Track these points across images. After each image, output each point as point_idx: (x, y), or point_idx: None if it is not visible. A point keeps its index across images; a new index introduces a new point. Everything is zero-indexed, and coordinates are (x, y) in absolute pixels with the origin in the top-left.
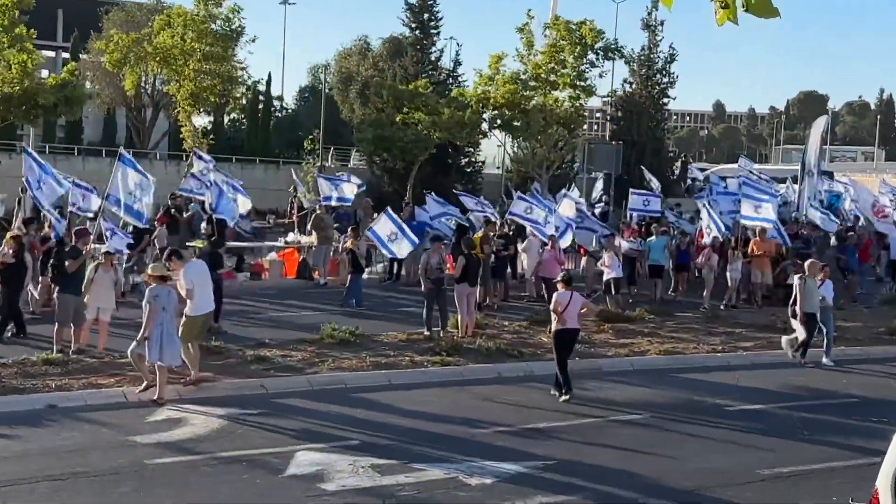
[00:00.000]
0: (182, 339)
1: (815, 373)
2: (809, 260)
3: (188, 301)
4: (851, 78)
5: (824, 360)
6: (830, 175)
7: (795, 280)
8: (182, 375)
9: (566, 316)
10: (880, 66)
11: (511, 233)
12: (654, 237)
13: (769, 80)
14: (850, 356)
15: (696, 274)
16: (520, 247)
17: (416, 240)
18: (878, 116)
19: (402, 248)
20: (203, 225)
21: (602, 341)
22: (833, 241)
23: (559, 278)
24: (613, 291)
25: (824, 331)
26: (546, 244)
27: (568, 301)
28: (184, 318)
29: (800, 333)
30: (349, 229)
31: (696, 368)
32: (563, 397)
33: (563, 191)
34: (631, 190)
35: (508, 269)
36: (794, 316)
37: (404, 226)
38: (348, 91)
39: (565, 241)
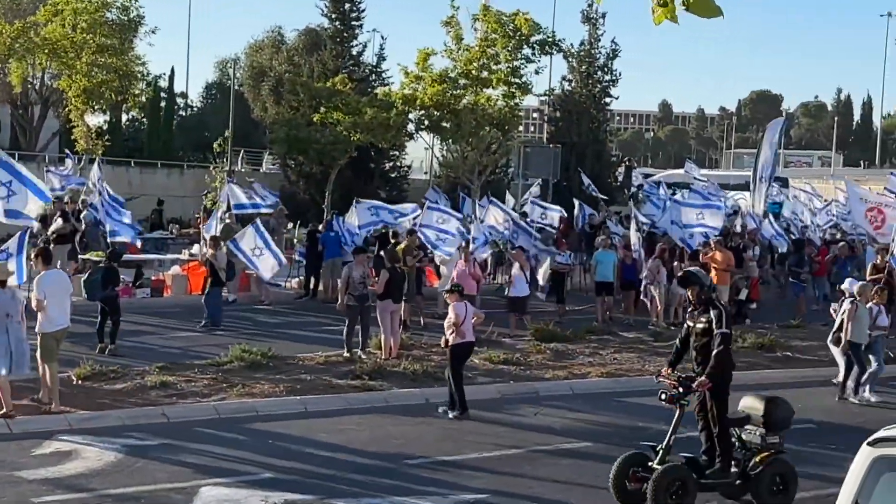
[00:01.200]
0: (42, 360)
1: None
2: (860, 283)
3: (38, 314)
4: (807, 77)
5: (865, 393)
6: (785, 182)
7: (846, 304)
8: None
9: (464, 329)
10: (837, 65)
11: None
12: (600, 250)
13: (719, 78)
14: (807, 378)
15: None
16: (437, 259)
17: (282, 258)
18: (836, 118)
19: (266, 266)
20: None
21: (539, 363)
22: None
23: (448, 288)
24: (517, 311)
25: (871, 360)
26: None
27: (465, 313)
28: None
29: (840, 365)
30: (209, 238)
31: (642, 392)
32: (453, 413)
33: (485, 199)
34: (576, 201)
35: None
36: (837, 343)
37: (271, 242)
38: (260, 88)
39: (482, 254)
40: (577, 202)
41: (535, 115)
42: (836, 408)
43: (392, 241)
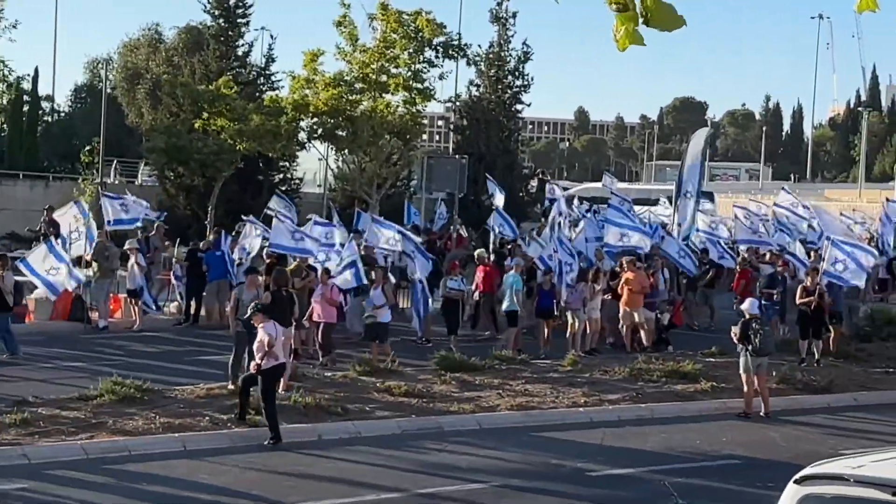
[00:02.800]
0: None
1: (694, 429)
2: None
3: None
4: (733, 83)
5: None
6: (710, 196)
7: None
8: None
9: (277, 350)
10: (765, 71)
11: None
12: (511, 272)
13: (640, 84)
14: (732, 409)
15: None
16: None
17: (80, 277)
18: (764, 128)
19: (59, 282)
20: None
21: (443, 395)
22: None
23: (252, 309)
24: (376, 338)
25: None
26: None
27: (276, 333)
28: None
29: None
30: None
31: (555, 426)
32: (271, 441)
33: (369, 215)
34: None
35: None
36: None
37: (66, 257)
38: (135, 91)
39: (343, 280)
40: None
41: (439, 123)
42: (763, 441)
43: (275, 261)
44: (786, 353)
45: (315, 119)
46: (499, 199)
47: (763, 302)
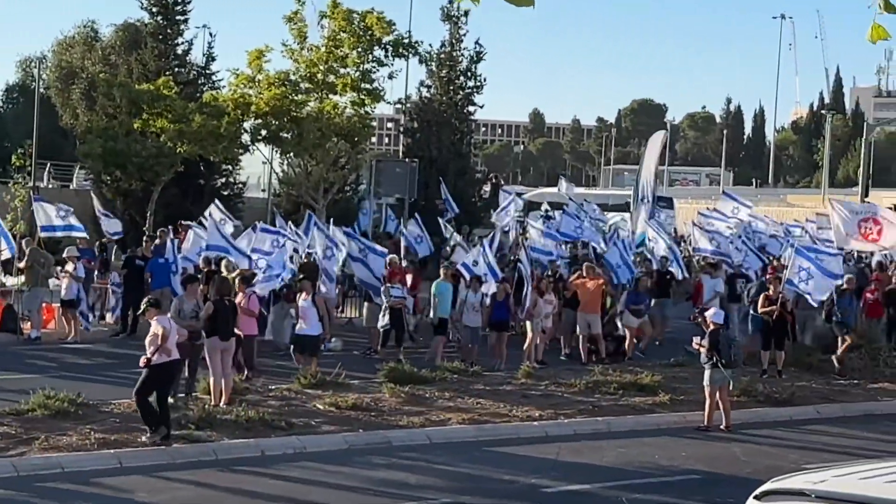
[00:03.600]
0: None
1: (653, 443)
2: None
3: None
4: (693, 85)
5: None
6: (669, 202)
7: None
8: None
9: (170, 345)
10: (726, 73)
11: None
12: (438, 280)
13: (597, 86)
14: (691, 422)
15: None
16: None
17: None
18: (725, 131)
19: None
20: None
21: (392, 408)
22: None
23: (145, 304)
24: (306, 351)
25: None
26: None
27: (170, 327)
28: None
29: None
30: None
31: (509, 441)
32: (157, 436)
33: (311, 222)
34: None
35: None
36: None
37: None
38: (70, 91)
39: (262, 288)
40: (441, 221)
41: (389, 125)
42: (723, 455)
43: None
44: (747, 364)
45: (259, 120)
46: (450, 207)
47: (752, 313)
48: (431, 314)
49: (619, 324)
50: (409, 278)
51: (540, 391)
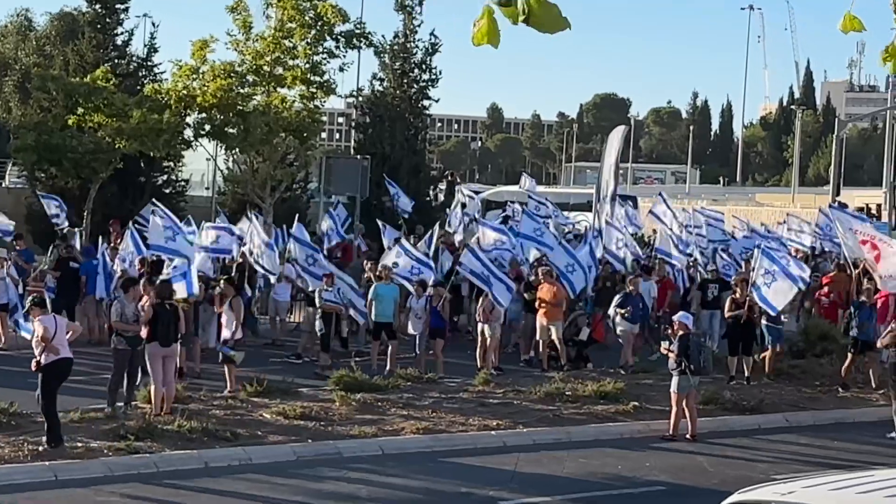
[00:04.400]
0: None
1: (615, 454)
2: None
3: None
4: (658, 79)
5: None
6: (633, 200)
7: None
8: None
9: (57, 344)
10: (692, 66)
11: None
12: (382, 281)
13: (558, 79)
14: (656, 431)
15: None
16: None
17: None
18: (691, 127)
19: None
20: None
21: (343, 417)
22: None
23: (29, 303)
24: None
25: None
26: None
27: (55, 326)
28: None
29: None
30: None
31: (465, 451)
32: (44, 446)
33: (209, 223)
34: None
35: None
36: None
37: None
38: (2, 84)
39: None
40: (380, 223)
41: (340, 120)
42: (688, 466)
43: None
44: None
45: (203, 114)
46: (403, 203)
47: (768, 324)
48: (371, 318)
49: (582, 328)
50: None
51: (498, 399)
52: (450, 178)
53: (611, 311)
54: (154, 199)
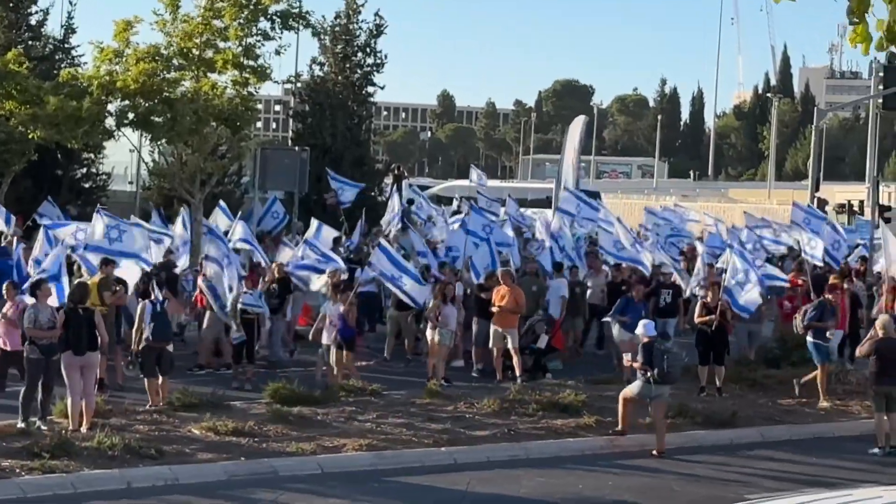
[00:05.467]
0: None
1: (576, 472)
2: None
3: None
4: (623, 65)
5: None
6: (596, 196)
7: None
8: None
9: None
10: (660, 51)
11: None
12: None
13: (515, 65)
14: (620, 447)
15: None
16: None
17: None
18: (659, 117)
19: None
20: None
21: (279, 433)
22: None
23: None
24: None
25: None
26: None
27: None
28: None
29: None
30: None
31: (412, 469)
32: None
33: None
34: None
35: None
36: None
37: None
38: None
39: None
40: (314, 222)
41: (276, 108)
42: (655, 485)
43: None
44: (682, 380)
45: (126, 101)
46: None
47: (814, 341)
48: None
49: (540, 335)
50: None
51: (448, 413)
52: (396, 171)
53: (608, 318)
54: (48, 199)
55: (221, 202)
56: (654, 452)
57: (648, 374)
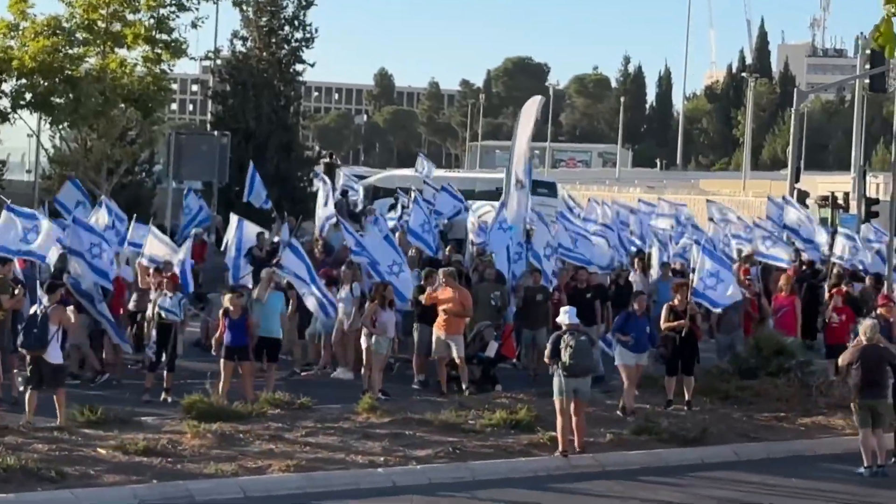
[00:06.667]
0: None
1: (529, 495)
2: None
3: None
4: (581, 41)
5: None
6: (551, 188)
7: None
8: None
9: None
10: (623, 26)
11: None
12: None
13: (461, 42)
14: (578, 467)
15: None
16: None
17: None
18: (622, 99)
19: None
20: None
21: (196, 452)
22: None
23: None
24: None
25: None
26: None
27: None
28: None
29: None
30: None
31: (345, 492)
32: None
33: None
34: None
35: None
36: None
37: None
38: None
39: None
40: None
41: (193, 88)
42: None
43: None
44: (647, 392)
45: (22, 80)
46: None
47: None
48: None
49: (489, 343)
50: None
51: (386, 429)
52: (329, 159)
53: (609, 336)
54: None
55: (106, 199)
56: (576, 447)
57: (554, 366)
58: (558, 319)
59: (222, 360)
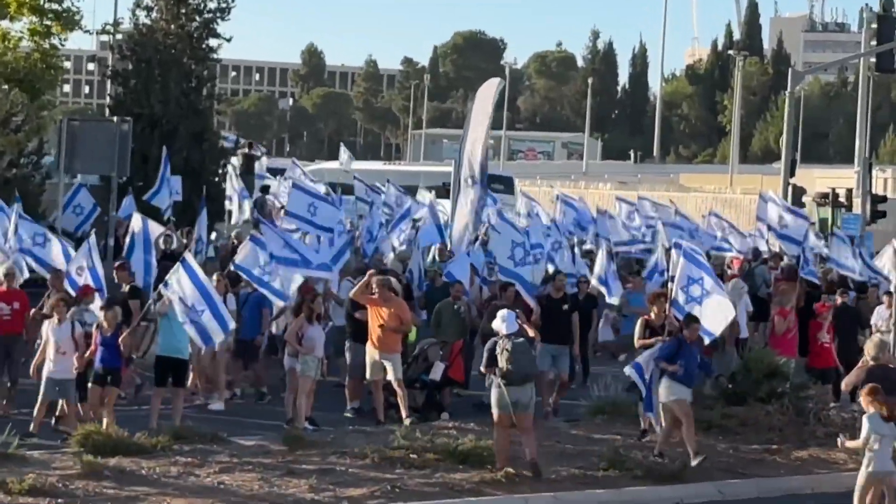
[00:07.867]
0: None
1: None
2: None
3: None
4: (542, 14)
5: None
6: (508, 183)
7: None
8: None
9: None
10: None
11: None
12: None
13: (401, 14)
14: None
15: None
16: None
17: None
18: (590, 80)
19: None
20: None
21: (90, 492)
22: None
23: None
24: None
25: None
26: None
27: None
28: None
29: None
30: None
31: None
32: None
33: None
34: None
35: None
36: None
37: None
38: None
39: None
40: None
41: (90, 66)
42: None
43: None
44: (618, 421)
45: None
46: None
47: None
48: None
49: (434, 363)
50: None
51: (314, 465)
52: (248, 149)
53: (650, 364)
54: None
55: None
56: (528, 461)
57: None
58: (494, 325)
59: (90, 384)
